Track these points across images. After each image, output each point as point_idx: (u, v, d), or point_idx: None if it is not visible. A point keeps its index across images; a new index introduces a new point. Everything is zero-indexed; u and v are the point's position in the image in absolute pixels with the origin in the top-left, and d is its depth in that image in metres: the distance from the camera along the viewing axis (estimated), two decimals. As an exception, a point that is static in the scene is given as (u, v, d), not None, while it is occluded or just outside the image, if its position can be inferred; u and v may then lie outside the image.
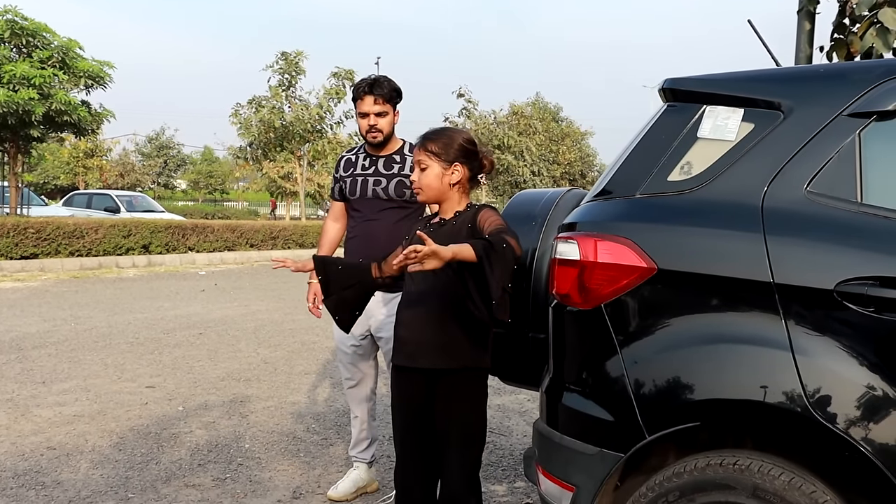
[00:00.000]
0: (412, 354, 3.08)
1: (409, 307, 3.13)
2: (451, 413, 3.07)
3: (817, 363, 2.28)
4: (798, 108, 2.53)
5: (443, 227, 3.11)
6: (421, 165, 3.09)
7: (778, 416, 2.31)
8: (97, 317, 10.53)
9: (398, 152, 4.22)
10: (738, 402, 2.35)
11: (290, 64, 31.46)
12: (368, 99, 4.09)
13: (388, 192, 4.10)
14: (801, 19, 6.62)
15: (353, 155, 4.36)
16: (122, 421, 5.60)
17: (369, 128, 4.11)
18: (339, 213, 4.45)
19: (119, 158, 53.74)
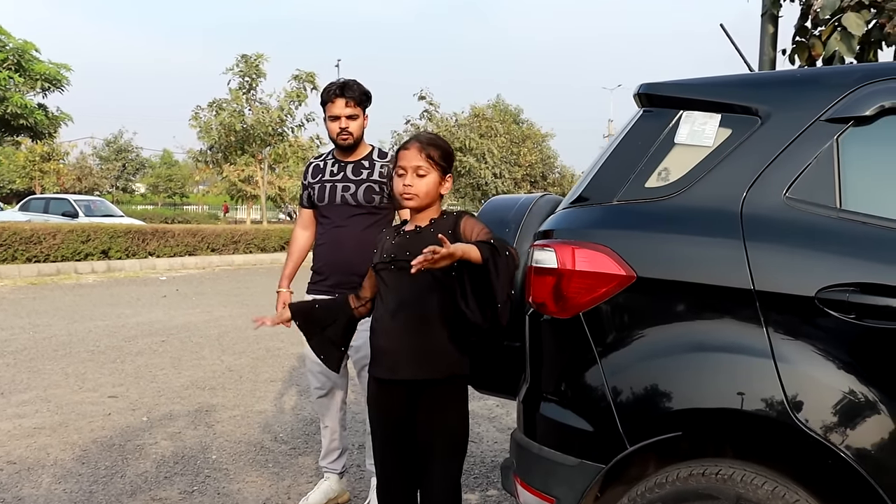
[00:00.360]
0: (394, 366, 2.97)
1: (385, 316, 3.02)
2: (435, 424, 2.98)
3: (799, 371, 2.26)
4: (775, 113, 2.51)
5: (419, 235, 3.01)
6: (420, 171, 2.97)
7: (760, 424, 2.29)
8: (56, 324, 10.34)
9: (367, 158, 4.15)
10: (721, 410, 2.32)
11: (250, 66, 31.26)
12: (339, 102, 4.03)
13: (357, 198, 4.04)
14: (764, 22, 6.67)
15: (321, 161, 4.29)
16: (84, 433, 5.48)
17: (340, 130, 4.05)
18: (307, 221, 4.37)
19: (76, 162, 53.06)
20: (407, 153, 3.00)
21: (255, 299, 13.62)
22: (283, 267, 4.45)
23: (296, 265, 4.43)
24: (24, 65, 20.08)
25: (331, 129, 4.10)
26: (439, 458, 3.00)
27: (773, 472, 2.34)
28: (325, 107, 4.10)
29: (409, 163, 2.98)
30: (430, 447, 3.01)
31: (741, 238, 2.37)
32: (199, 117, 31.88)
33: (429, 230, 3.01)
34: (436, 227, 3.01)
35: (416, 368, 2.94)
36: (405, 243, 3.00)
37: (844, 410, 2.22)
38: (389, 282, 3.01)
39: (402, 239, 3.04)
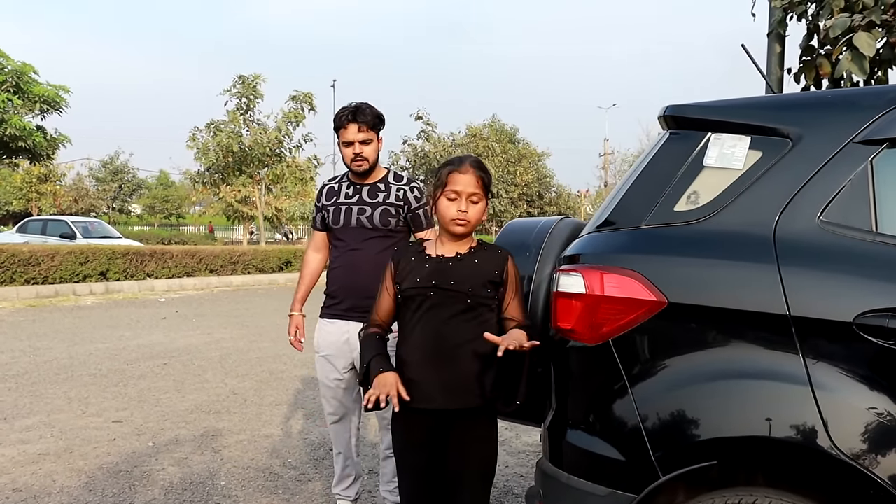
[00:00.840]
0: (429, 395, 2.87)
1: (419, 344, 2.91)
2: (467, 453, 2.91)
3: (837, 398, 2.22)
4: (807, 135, 2.47)
5: (462, 262, 2.92)
6: (474, 199, 2.90)
7: (798, 453, 2.24)
8: (57, 347, 10.26)
9: (382, 180, 4.08)
10: (757, 439, 2.27)
11: (247, 87, 31.32)
12: (352, 127, 3.96)
13: (374, 220, 3.97)
14: (771, 41, 6.66)
15: (335, 183, 4.21)
16: (90, 459, 5.40)
17: (354, 156, 3.98)
18: (320, 244, 4.30)
19: (73, 183, 53.04)
20: (463, 178, 2.89)
21: (255, 321, 13.55)
22: (296, 290, 4.36)
23: (308, 288, 4.35)
24: (23, 87, 20.09)
25: (345, 155, 4.02)
26: (469, 487, 2.93)
27: (810, 501, 2.29)
28: (338, 132, 4.03)
29: (465, 188, 2.88)
30: (460, 476, 2.93)
31: (775, 262, 2.33)
32: (197, 138, 31.88)
33: (472, 259, 2.93)
34: (479, 258, 2.94)
35: (452, 398, 2.86)
36: (447, 270, 2.90)
37: (885, 438, 2.17)
38: (424, 309, 2.90)
39: (441, 265, 2.93)
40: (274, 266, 25.02)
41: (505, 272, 2.90)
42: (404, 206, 4.02)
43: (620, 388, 2.48)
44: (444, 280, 2.88)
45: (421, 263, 2.97)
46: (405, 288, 2.94)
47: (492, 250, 2.97)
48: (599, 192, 58.74)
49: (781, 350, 2.29)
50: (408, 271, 2.98)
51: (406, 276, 2.97)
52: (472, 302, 2.85)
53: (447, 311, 2.87)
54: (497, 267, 2.90)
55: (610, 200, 2.80)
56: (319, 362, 4.12)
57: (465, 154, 3.09)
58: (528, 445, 5.78)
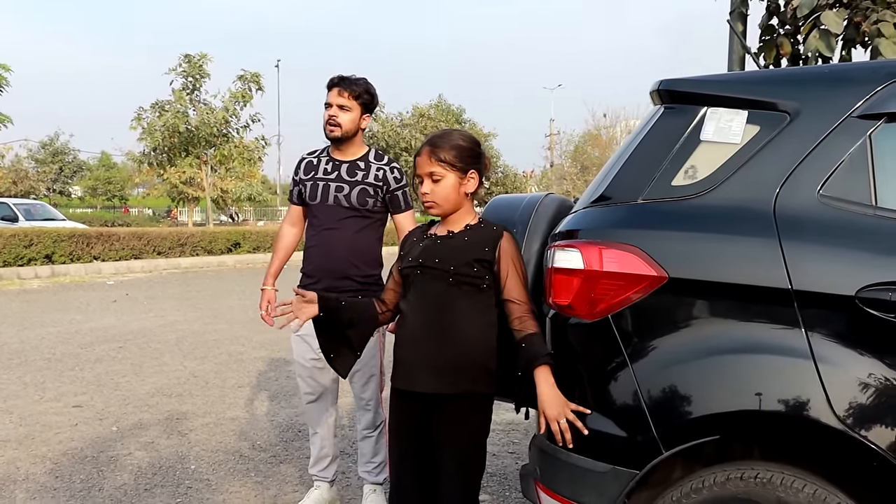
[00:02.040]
0: (410, 377, 2.84)
1: (408, 324, 2.89)
2: (445, 441, 2.82)
3: (841, 372, 2.23)
4: (805, 110, 2.47)
5: (451, 240, 2.86)
6: (434, 177, 2.82)
7: (801, 426, 2.25)
8: (7, 332, 10.02)
9: (363, 159, 4.00)
10: (759, 413, 2.27)
11: (193, 67, 30.88)
12: (333, 91, 3.91)
13: (351, 200, 3.90)
14: (733, 20, 6.68)
15: (314, 158, 4.10)
16: (52, 444, 5.28)
17: (328, 118, 3.90)
18: (296, 218, 4.21)
19: (11, 165, 51.85)
20: (419, 160, 2.86)
21: (207, 303, 13.38)
22: (269, 264, 4.26)
23: (282, 262, 4.26)
24: (-38, 65, 19.55)
25: (323, 119, 3.95)
26: (450, 478, 2.84)
27: (811, 475, 2.30)
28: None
29: (422, 170, 2.85)
30: (441, 464, 2.85)
31: (776, 237, 2.33)
32: (142, 119, 31.34)
33: (462, 238, 2.86)
34: (471, 236, 2.86)
35: (433, 381, 2.79)
36: (435, 249, 2.85)
37: (888, 411, 2.19)
38: (412, 286, 2.87)
39: (431, 243, 2.89)
40: (223, 248, 24.73)
41: (497, 250, 2.81)
42: (383, 187, 3.95)
43: (620, 364, 2.46)
44: (430, 259, 2.84)
45: (419, 243, 2.94)
46: (402, 268, 2.93)
47: (487, 228, 2.88)
48: (545, 173, 58.97)
49: (783, 324, 2.29)
50: (407, 251, 2.97)
51: (404, 256, 2.95)
52: (454, 281, 2.77)
53: (431, 290, 2.82)
54: (487, 244, 2.81)
55: (604, 175, 2.77)
56: (295, 342, 4.04)
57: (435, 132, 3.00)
58: (496, 424, 5.76)
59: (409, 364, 2.84)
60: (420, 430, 2.88)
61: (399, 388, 2.90)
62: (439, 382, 2.79)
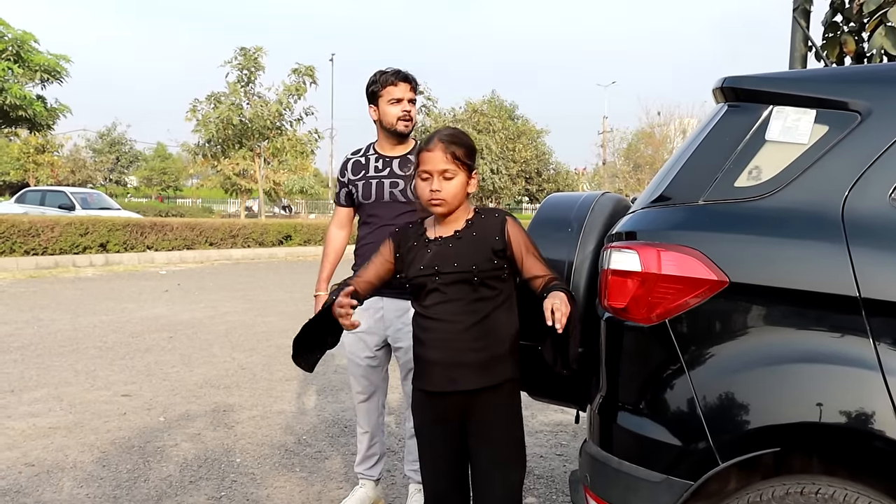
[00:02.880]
0: (451, 378, 2.76)
1: (435, 327, 2.79)
2: (493, 430, 2.79)
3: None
4: (877, 109, 2.36)
5: (461, 240, 2.80)
6: (447, 175, 2.74)
7: (868, 442, 2.14)
8: (61, 319, 10.16)
9: (412, 152, 3.87)
10: (824, 426, 2.17)
11: (248, 59, 31.10)
12: (403, 85, 3.83)
13: (407, 194, 3.78)
14: (796, 17, 6.52)
15: (361, 157, 4.02)
16: (101, 433, 5.31)
17: (403, 114, 3.82)
18: (344, 220, 4.16)
19: (70, 154, 52.79)
20: (430, 155, 2.76)
21: (258, 295, 13.45)
22: (320, 268, 4.18)
23: (333, 266, 4.16)
24: (24, 56, 19.86)
25: (389, 115, 3.84)
26: (499, 467, 2.80)
27: (876, 492, 2.20)
28: (378, 94, 3.86)
29: (434, 166, 2.75)
30: (486, 455, 2.80)
31: (844, 242, 2.22)
32: (197, 111, 31.67)
33: (470, 234, 2.80)
34: (477, 230, 2.80)
35: (477, 377, 2.75)
36: (448, 252, 2.78)
37: (961, 428, 2.08)
38: (434, 294, 2.78)
39: (441, 248, 2.81)
40: (274, 240, 24.94)
41: (505, 234, 2.76)
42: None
43: (677, 371, 2.37)
44: (447, 263, 2.76)
45: (422, 248, 2.84)
46: (411, 277, 2.83)
47: (489, 216, 2.84)
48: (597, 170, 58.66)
49: (850, 333, 2.18)
50: (411, 258, 2.86)
51: (410, 264, 2.85)
52: (479, 279, 2.72)
53: (456, 293, 2.75)
54: (496, 232, 2.77)
55: (664, 175, 2.68)
56: (349, 339, 3.96)
57: (442, 128, 2.91)
58: (544, 425, 5.70)
59: (445, 366, 2.77)
60: (456, 429, 2.85)
61: (434, 391, 2.82)
62: (483, 377, 2.76)
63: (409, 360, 3.75)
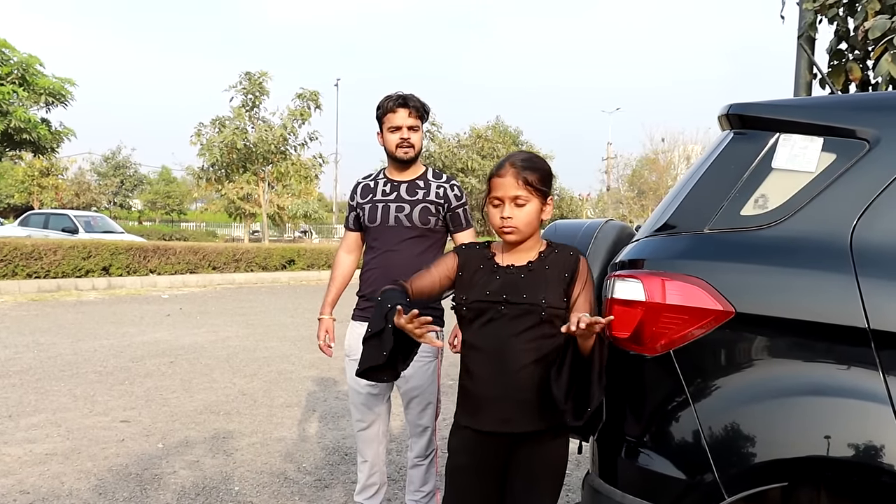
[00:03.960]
0: (504, 418, 2.61)
1: (485, 363, 2.65)
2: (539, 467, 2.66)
3: (922, 419, 2.07)
4: (885, 137, 2.33)
5: (533, 272, 2.67)
6: (519, 201, 2.62)
7: (877, 477, 2.09)
8: (61, 343, 10.11)
9: (421, 177, 3.89)
10: (833, 460, 2.12)
11: (253, 84, 31.21)
12: (402, 112, 3.80)
13: (413, 219, 3.77)
14: (802, 45, 6.50)
15: (370, 181, 3.99)
16: (98, 460, 5.25)
17: (401, 141, 3.80)
18: (353, 244, 4.09)
19: (75, 177, 52.92)
20: (502, 181, 2.64)
21: (260, 319, 13.40)
22: (326, 292, 4.09)
23: (339, 290, 4.10)
24: (29, 79, 19.95)
25: (389, 142, 3.83)
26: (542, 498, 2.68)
27: (885, 529, 2.15)
28: (381, 119, 3.85)
29: (506, 192, 2.63)
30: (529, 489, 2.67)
31: (853, 272, 2.18)
32: (201, 134, 31.76)
33: (543, 267, 2.67)
34: (550, 264, 2.67)
35: (532, 420, 2.60)
36: (519, 282, 2.65)
37: (974, 464, 2.03)
38: (495, 323, 2.64)
39: (512, 277, 2.67)
40: (277, 264, 24.90)
41: (576, 273, 2.64)
42: (444, 205, 3.84)
43: (682, 403, 2.33)
44: (517, 293, 2.62)
45: (490, 273, 2.70)
46: (472, 301, 2.67)
47: (563, 252, 2.70)
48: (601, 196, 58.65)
49: (859, 366, 2.14)
50: (476, 280, 2.71)
51: (473, 286, 2.70)
52: (547, 315, 2.58)
53: (520, 326, 2.60)
54: (568, 269, 2.65)
55: (668, 203, 2.64)
56: (350, 367, 3.86)
57: (515, 153, 2.80)
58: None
59: (500, 404, 2.62)
60: (499, 468, 2.71)
61: (484, 430, 2.67)
62: (540, 420, 2.60)
63: (410, 389, 3.78)
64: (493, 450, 2.69)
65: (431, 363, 3.80)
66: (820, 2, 5.98)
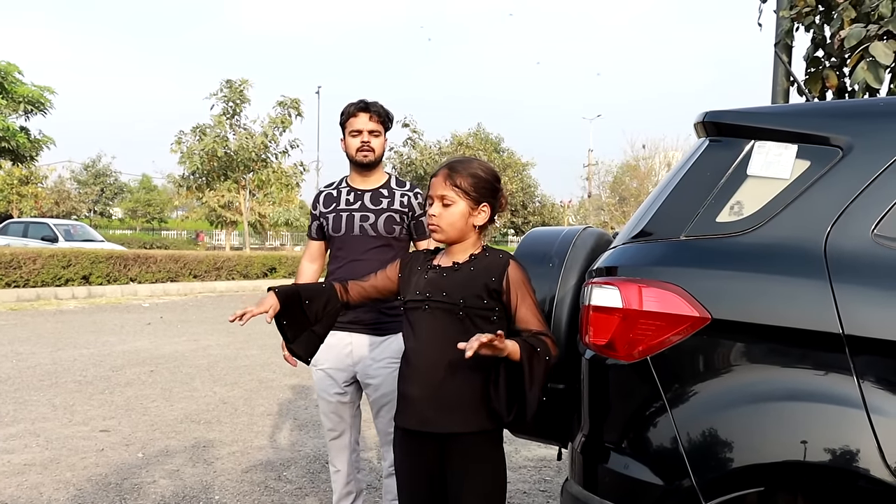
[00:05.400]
0: (423, 417, 2.67)
1: (415, 360, 2.72)
2: (466, 480, 2.65)
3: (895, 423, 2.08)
4: (858, 145, 2.35)
5: (457, 272, 2.72)
6: (445, 201, 2.67)
7: (851, 481, 2.11)
8: (40, 353, 10.05)
9: (385, 186, 3.90)
10: (808, 465, 2.13)
11: (234, 92, 31.15)
12: (362, 116, 3.81)
13: (378, 228, 3.77)
14: (778, 52, 6.55)
15: (333, 190, 3.98)
16: (77, 470, 5.22)
17: (361, 145, 3.81)
18: (316, 253, 4.09)
19: (54, 186, 52.60)
20: (434, 181, 2.74)
21: (241, 328, 13.31)
22: None
23: None
24: (7, 87, 19.83)
25: (350, 146, 3.84)
26: None
27: (861, 532, 2.16)
28: (344, 125, 3.87)
29: (434, 191, 2.72)
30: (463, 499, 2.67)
31: (827, 278, 2.20)
32: (182, 142, 31.66)
33: (468, 268, 2.71)
34: (476, 266, 2.71)
35: (448, 420, 2.64)
36: (441, 281, 2.71)
37: (947, 467, 2.04)
38: (420, 321, 2.72)
39: (437, 275, 2.75)
40: (258, 272, 24.85)
41: (504, 279, 2.66)
42: (409, 213, 3.85)
43: (659, 409, 2.34)
44: (438, 291, 2.69)
45: (421, 273, 2.79)
46: (407, 300, 2.78)
47: (493, 256, 2.74)
48: (583, 203, 58.82)
49: (834, 371, 2.16)
50: (412, 281, 2.81)
51: (409, 286, 2.80)
52: (464, 314, 2.63)
53: (441, 325, 2.66)
54: (495, 274, 2.67)
55: (645, 210, 2.66)
56: (318, 376, 3.88)
57: (457, 157, 2.87)
58: (528, 460, 5.64)
59: (419, 403, 2.68)
60: (432, 471, 2.73)
61: (409, 429, 2.74)
62: (455, 421, 2.64)
63: (380, 397, 3.76)
64: (418, 449, 2.74)
65: None
66: (796, 10, 6.03)
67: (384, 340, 3.75)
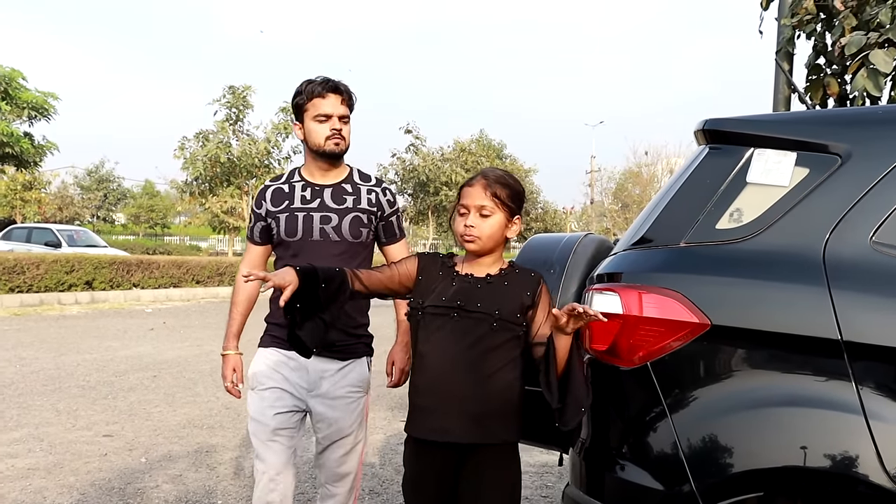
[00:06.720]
0: (443, 426, 2.60)
1: (432, 372, 2.64)
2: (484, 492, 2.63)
3: (893, 428, 2.10)
4: (857, 152, 2.37)
5: (492, 284, 2.67)
6: (483, 212, 2.64)
7: (850, 486, 2.13)
8: (43, 358, 10.07)
9: (347, 180, 3.34)
10: (807, 470, 2.15)
11: (237, 98, 31.19)
12: (333, 98, 3.21)
13: (342, 231, 3.23)
14: (779, 60, 6.58)
15: (284, 185, 3.35)
16: (81, 474, 5.24)
17: (332, 133, 3.21)
18: (258, 260, 3.47)
19: (58, 191, 52.72)
20: (471, 190, 2.67)
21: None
22: (228, 322, 3.53)
23: (244, 318, 3.52)
24: (11, 93, 19.91)
25: (316, 133, 3.22)
26: None
27: (860, 537, 2.18)
28: (303, 107, 3.25)
29: (472, 201, 2.65)
30: None
31: (825, 284, 2.22)
32: (185, 148, 31.71)
33: (502, 282, 2.68)
34: (510, 281, 2.68)
35: (471, 430, 2.58)
36: (475, 292, 2.65)
37: (945, 473, 2.06)
38: (444, 329, 2.63)
39: (469, 285, 2.67)
40: (262, 277, 24.81)
41: (538, 295, 2.66)
42: (377, 213, 3.34)
43: (659, 414, 2.36)
44: (471, 301, 2.62)
45: (448, 280, 2.70)
46: (427, 306, 2.67)
47: (524, 273, 2.72)
48: (585, 209, 58.85)
49: (833, 377, 2.18)
50: (433, 286, 2.71)
51: (430, 292, 2.69)
52: (499, 326, 2.58)
53: (471, 336, 2.60)
54: (529, 289, 2.65)
55: (645, 217, 2.68)
56: (253, 399, 3.30)
57: (490, 167, 2.83)
58: (530, 465, 5.65)
59: (440, 412, 2.61)
60: (447, 482, 2.68)
61: (426, 440, 2.67)
62: (478, 432, 2.59)
63: (333, 433, 3.27)
64: (431, 461, 2.67)
65: (360, 399, 3.33)
66: (797, 17, 6.06)
67: (344, 367, 3.27)
